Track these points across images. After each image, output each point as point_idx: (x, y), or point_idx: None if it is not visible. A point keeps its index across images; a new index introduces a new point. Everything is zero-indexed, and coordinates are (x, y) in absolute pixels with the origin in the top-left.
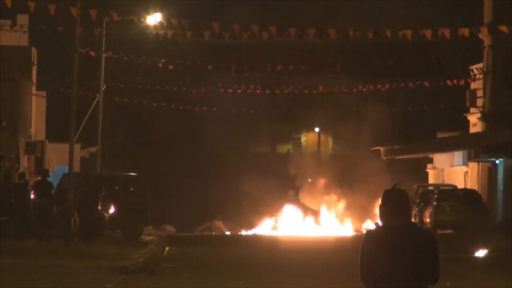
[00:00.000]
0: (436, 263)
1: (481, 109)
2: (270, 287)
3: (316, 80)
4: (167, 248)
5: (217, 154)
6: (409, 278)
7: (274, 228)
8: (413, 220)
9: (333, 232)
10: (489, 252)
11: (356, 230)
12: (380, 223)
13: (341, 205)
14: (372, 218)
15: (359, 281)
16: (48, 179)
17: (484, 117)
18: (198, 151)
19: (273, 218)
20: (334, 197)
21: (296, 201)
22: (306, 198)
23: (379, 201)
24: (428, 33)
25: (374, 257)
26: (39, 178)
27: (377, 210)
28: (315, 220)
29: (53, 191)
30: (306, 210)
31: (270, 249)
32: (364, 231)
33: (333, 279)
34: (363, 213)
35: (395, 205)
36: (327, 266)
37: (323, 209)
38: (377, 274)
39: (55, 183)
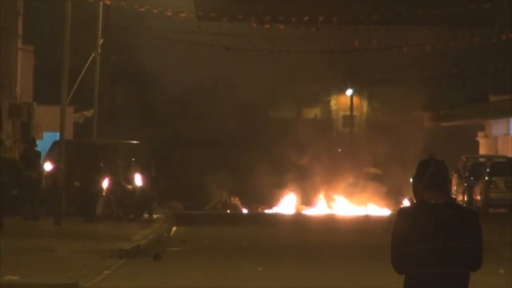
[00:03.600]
0: (480, 246)
1: None
2: (293, 274)
3: (349, 33)
4: (174, 228)
5: (233, 119)
6: (448, 263)
7: (299, 206)
8: (460, 197)
9: (367, 211)
10: None
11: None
12: (414, 200)
13: (375, 180)
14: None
15: (390, 265)
16: (36, 148)
17: None
18: (211, 117)
19: (293, 195)
20: (371, 170)
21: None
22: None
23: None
24: None
25: (407, 239)
26: (25, 147)
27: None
28: (346, 198)
29: (41, 162)
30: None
31: (294, 229)
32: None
33: (363, 262)
34: (403, 189)
35: (432, 178)
36: (357, 248)
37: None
38: (411, 258)
39: (44, 152)
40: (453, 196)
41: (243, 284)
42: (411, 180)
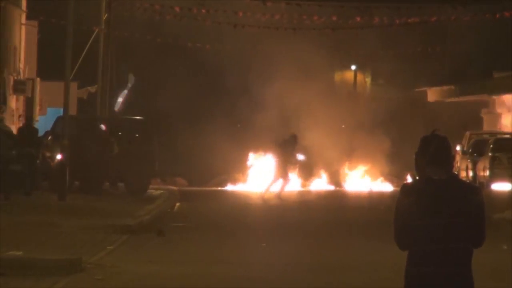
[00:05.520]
0: (482, 222)
1: None
2: (296, 250)
3: (351, 9)
4: (177, 204)
5: (237, 95)
6: (451, 239)
7: (304, 183)
8: (464, 173)
9: (371, 187)
10: None
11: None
12: (416, 176)
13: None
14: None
15: (393, 241)
16: (34, 125)
17: None
18: (215, 93)
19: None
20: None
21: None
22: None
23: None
24: None
25: (410, 215)
26: (24, 123)
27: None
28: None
29: (38, 138)
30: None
31: (298, 206)
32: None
33: (366, 238)
34: (407, 165)
35: (435, 154)
36: (361, 224)
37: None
38: (414, 233)
39: (48, 127)
40: (456, 172)
41: (247, 260)
42: (414, 156)
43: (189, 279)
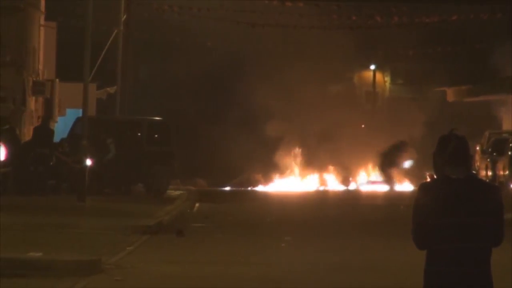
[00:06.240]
0: (501, 221)
1: None
2: (316, 250)
3: (371, 9)
4: (197, 204)
5: (259, 96)
6: (469, 238)
7: (323, 182)
8: (484, 172)
9: (392, 187)
10: None
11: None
12: (435, 176)
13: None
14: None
15: (411, 240)
16: (49, 126)
17: None
18: (237, 94)
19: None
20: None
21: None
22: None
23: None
24: None
25: (428, 214)
26: (39, 124)
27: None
28: (370, 173)
29: (53, 139)
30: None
31: (318, 206)
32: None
33: (384, 237)
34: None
35: (454, 153)
36: (378, 224)
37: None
38: (432, 233)
39: (67, 129)
40: (475, 172)
41: (266, 260)
42: (432, 156)
43: (208, 279)
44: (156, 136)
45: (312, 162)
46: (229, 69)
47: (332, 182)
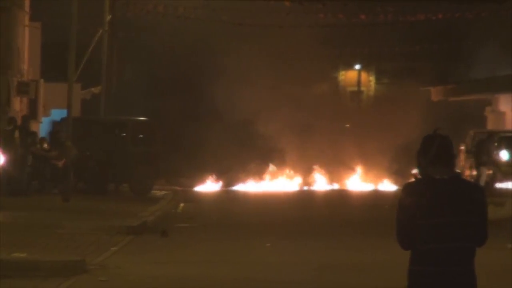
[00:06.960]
0: (485, 221)
1: None
2: (301, 249)
3: (355, 7)
4: (181, 205)
5: (242, 96)
6: (453, 238)
7: (306, 182)
8: (468, 172)
9: (374, 186)
10: None
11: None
12: (419, 175)
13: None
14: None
15: (395, 240)
16: (30, 126)
17: None
18: (221, 93)
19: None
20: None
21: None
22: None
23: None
24: None
25: (412, 214)
26: (19, 124)
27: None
28: (354, 173)
29: (29, 139)
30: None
31: (303, 206)
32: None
33: (369, 237)
34: (411, 164)
35: (438, 153)
36: (363, 223)
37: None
38: (416, 233)
39: (51, 129)
40: (459, 171)
41: (251, 259)
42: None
43: (193, 280)
44: (141, 136)
45: (297, 162)
46: (213, 68)
47: (318, 182)
